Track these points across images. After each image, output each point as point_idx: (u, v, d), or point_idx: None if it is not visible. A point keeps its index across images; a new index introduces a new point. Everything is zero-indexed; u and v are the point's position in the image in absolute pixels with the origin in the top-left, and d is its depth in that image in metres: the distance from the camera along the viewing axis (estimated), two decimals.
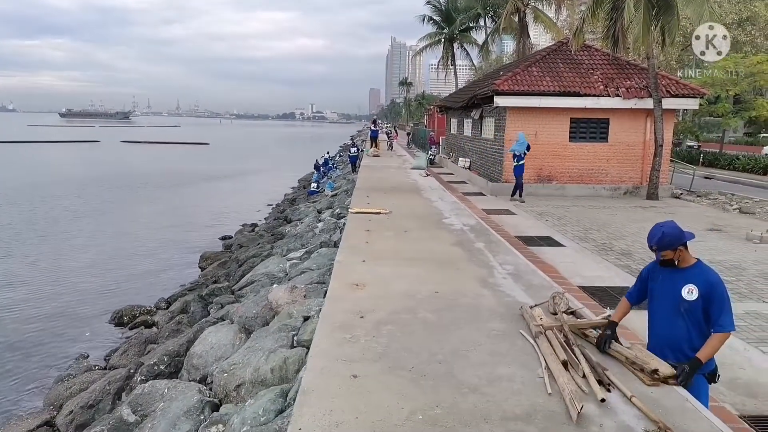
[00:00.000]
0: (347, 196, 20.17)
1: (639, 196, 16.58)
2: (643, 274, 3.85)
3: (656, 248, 3.51)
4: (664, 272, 3.60)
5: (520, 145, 15.11)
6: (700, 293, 3.40)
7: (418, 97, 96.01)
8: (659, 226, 3.55)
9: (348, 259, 7.20)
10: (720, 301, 3.38)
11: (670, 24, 15.89)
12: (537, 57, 18.65)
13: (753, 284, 7.70)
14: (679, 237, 3.47)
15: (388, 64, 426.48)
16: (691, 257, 3.54)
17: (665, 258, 3.51)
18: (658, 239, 3.48)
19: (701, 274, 3.46)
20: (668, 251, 3.48)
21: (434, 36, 39.80)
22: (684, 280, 3.47)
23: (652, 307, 3.72)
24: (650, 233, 3.57)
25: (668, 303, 3.55)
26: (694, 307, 3.43)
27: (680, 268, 3.51)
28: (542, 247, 9.57)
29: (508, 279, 6.36)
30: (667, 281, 3.56)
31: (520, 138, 15.24)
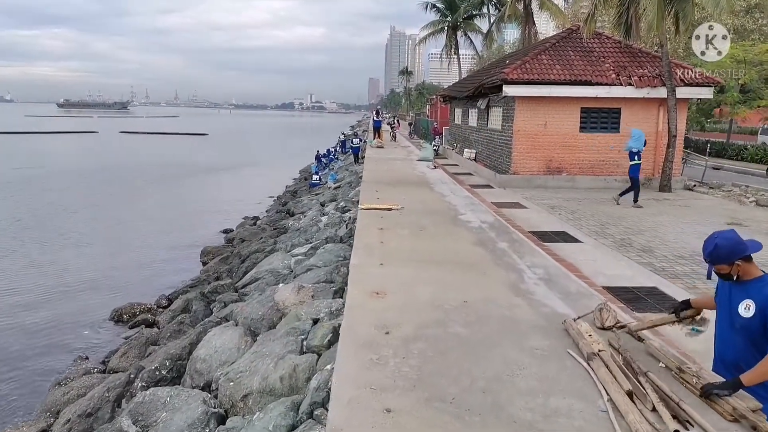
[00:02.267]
0: (351, 188, 19.71)
1: (652, 188, 16.13)
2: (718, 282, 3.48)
3: (709, 261, 3.17)
4: (727, 285, 3.26)
5: (636, 141, 13.32)
6: (758, 309, 3.01)
7: (419, 87, 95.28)
8: (714, 236, 3.20)
9: (364, 261, 6.72)
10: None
11: (685, 11, 15.33)
12: (547, 45, 18.10)
13: None
14: (734, 250, 3.08)
15: (388, 54, 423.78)
16: (756, 270, 3.14)
17: (720, 272, 3.15)
18: (709, 252, 3.15)
19: (762, 288, 3.06)
20: (723, 265, 3.11)
21: (437, 24, 39.03)
22: (743, 294, 3.10)
23: (716, 323, 3.38)
24: (704, 244, 3.24)
25: (726, 319, 3.22)
26: (750, 325, 3.05)
27: (742, 281, 3.15)
28: (559, 243, 9.14)
29: (541, 285, 5.89)
30: (727, 295, 3.22)
31: (633, 134, 13.50)
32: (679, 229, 10.58)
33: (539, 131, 16.35)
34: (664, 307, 6.08)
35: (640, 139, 13.42)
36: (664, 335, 4.62)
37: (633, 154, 13.31)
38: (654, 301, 6.42)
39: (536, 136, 16.39)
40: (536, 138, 16.41)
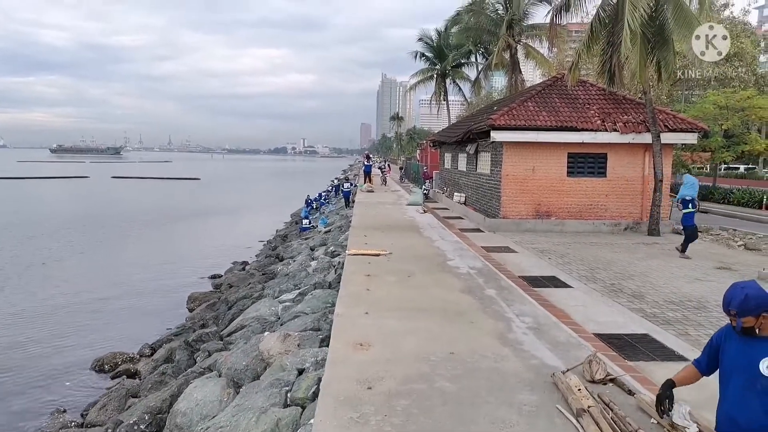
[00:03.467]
0: (341, 232, 19.63)
1: (640, 232, 16.19)
2: (714, 340, 3.25)
3: (736, 313, 2.93)
4: (739, 341, 3.02)
5: (690, 188, 12.69)
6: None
7: (410, 132, 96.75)
8: (740, 286, 2.98)
9: (349, 311, 6.58)
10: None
11: (666, 59, 15.80)
12: (533, 92, 18.50)
13: None
14: (763, 301, 2.91)
15: (379, 100, 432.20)
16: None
17: (746, 326, 2.94)
18: (740, 302, 2.91)
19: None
20: (750, 317, 2.91)
21: (427, 72, 40.04)
22: (763, 351, 2.91)
23: (723, 382, 3.12)
24: (729, 294, 3.00)
25: (742, 379, 2.97)
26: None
27: (760, 337, 2.94)
28: (549, 288, 9.04)
29: (530, 334, 5.77)
30: (741, 352, 2.99)
31: (686, 181, 12.93)
32: (669, 274, 10.54)
33: (527, 176, 16.48)
34: (656, 354, 5.96)
35: (695, 186, 12.87)
36: (656, 387, 4.48)
37: (687, 202, 12.63)
38: (646, 348, 6.29)
39: (525, 180, 16.51)
40: (525, 182, 16.53)
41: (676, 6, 14.87)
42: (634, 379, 4.89)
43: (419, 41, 39.75)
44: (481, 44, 33.67)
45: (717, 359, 3.19)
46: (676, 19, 14.89)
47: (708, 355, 3.27)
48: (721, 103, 27.58)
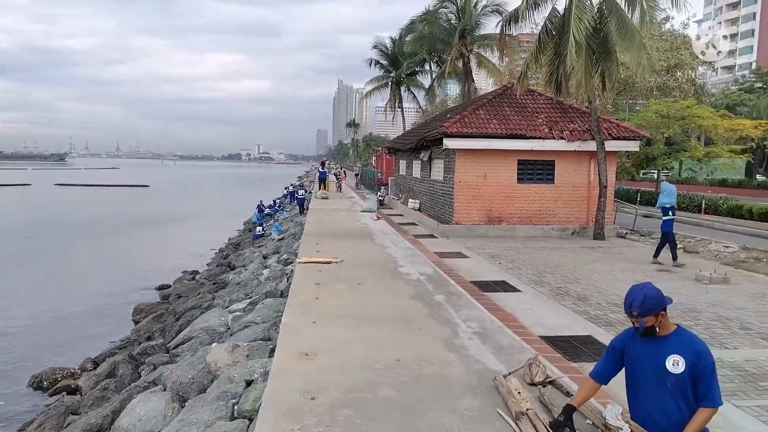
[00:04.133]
0: (295, 239, 19.43)
1: (586, 236, 16.71)
2: (615, 346, 3.36)
3: (638, 314, 3.05)
4: (642, 343, 3.15)
5: (669, 196, 12.75)
6: (687, 364, 3.00)
7: (366, 138, 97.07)
8: (638, 288, 3.13)
9: (296, 320, 6.49)
10: (710, 373, 3.01)
11: (610, 70, 16.42)
12: (484, 100, 18.87)
13: (711, 329, 7.54)
14: (661, 300, 3.06)
15: (335, 106, 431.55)
16: (670, 323, 3.14)
17: (648, 325, 3.07)
18: (640, 303, 3.04)
19: (686, 342, 3.07)
20: (651, 317, 3.05)
21: (381, 79, 40.34)
22: (667, 350, 3.05)
23: (633, 385, 3.26)
24: (630, 296, 3.12)
25: (651, 378, 3.11)
26: (681, 381, 3.02)
27: (660, 336, 3.09)
28: (499, 293, 9.20)
29: (475, 339, 5.83)
30: (647, 354, 3.12)
31: (665, 189, 13.04)
32: (612, 277, 10.90)
33: (479, 182, 16.77)
34: (598, 355, 6.10)
35: (673, 193, 12.93)
36: None
37: (666, 209, 12.69)
38: (588, 349, 6.47)
39: (477, 187, 16.79)
40: (477, 189, 16.80)
41: (618, 19, 15.49)
42: (577, 380, 5.02)
43: (374, 49, 40.04)
44: (434, 53, 34.15)
45: (620, 365, 3.30)
46: (619, 32, 15.50)
47: (611, 362, 3.36)
48: (662, 112, 28.86)
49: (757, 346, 6.71)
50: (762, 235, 19.23)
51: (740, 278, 10.85)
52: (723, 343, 6.86)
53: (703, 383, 3.00)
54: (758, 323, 7.68)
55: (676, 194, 13.00)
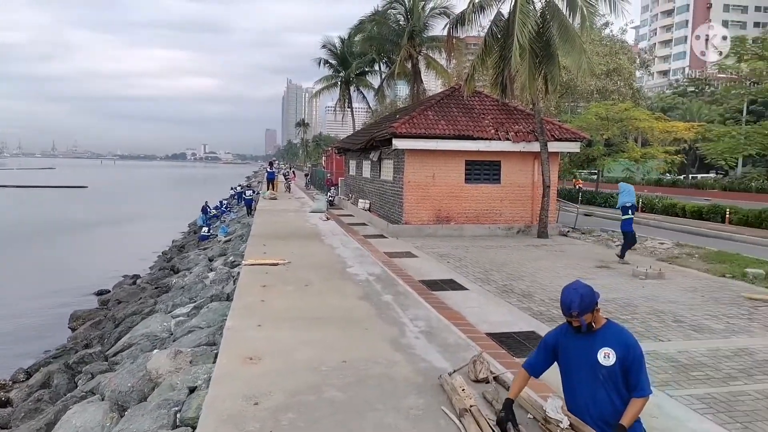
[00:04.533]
0: (242, 241, 19.03)
1: (531, 234, 17.15)
2: (548, 341, 3.46)
3: (578, 314, 3.14)
4: (574, 338, 3.25)
5: (628, 195, 12.92)
6: (617, 357, 3.13)
7: (316, 138, 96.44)
8: (573, 289, 3.21)
9: (240, 323, 6.34)
10: (639, 363, 3.15)
11: (552, 73, 16.93)
12: (432, 101, 19.06)
13: (647, 322, 7.87)
14: (593, 296, 3.18)
15: (285, 106, 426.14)
16: (601, 317, 3.26)
17: (588, 322, 3.18)
18: (579, 304, 3.13)
19: (615, 335, 3.19)
20: (588, 314, 3.16)
21: (331, 79, 40.14)
22: (599, 343, 3.17)
23: (568, 379, 3.37)
24: (567, 299, 3.18)
25: (585, 372, 3.22)
26: (612, 372, 3.14)
27: (591, 331, 3.21)
28: (447, 291, 9.31)
29: (422, 338, 5.86)
30: (580, 348, 3.23)
31: (622, 188, 13.22)
32: (555, 274, 11.22)
33: (428, 182, 16.92)
34: None
35: (631, 192, 13.09)
36: (537, 382, 4.70)
37: (626, 208, 12.84)
38: (532, 345, 6.60)
39: (426, 187, 16.94)
40: (426, 189, 16.95)
41: (560, 24, 15.98)
42: (504, 363, 5.13)
43: (323, 48, 39.80)
44: (384, 53, 34.24)
45: (551, 360, 3.40)
46: (561, 36, 16.00)
47: (543, 357, 3.46)
48: (602, 114, 29.98)
49: (689, 338, 7.04)
50: (694, 231, 20.29)
51: (674, 273, 11.39)
52: (657, 335, 7.17)
53: (633, 374, 3.12)
54: (690, 316, 8.08)
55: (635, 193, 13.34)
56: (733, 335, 7.16)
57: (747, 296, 9.29)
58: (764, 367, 6.01)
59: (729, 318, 7.96)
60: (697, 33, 36.44)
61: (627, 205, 12.88)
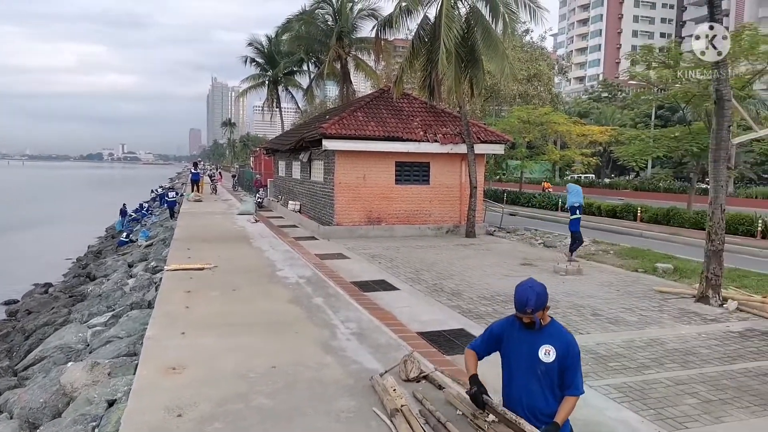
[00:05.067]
0: (165, 245, 18.22)
1: (459, 234, 17.56)
2: (494, 331, 3.54)
3: (532, 311, 3.22)
4: (519, 332, 3.35)
5: (576, 195, 13.05)
6: (557, 355, 3.23)
7: (243, 138, 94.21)
8: (528, 287, 3.27)
9: (162, 332, 6.04)
10: (575, 363, 3.26)
11: (478, 77, 17.43)
12: (362, 103, 19.08)
13: (568, 316, 8.25)
14: (546, 294, 3.26)
15: (210, 104, 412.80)
16: (547, 316, 3.36)
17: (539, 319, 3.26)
18: (535, 302, 3.20)
19: (557, 334, 3.29)
20: (540, 312, 3.25)
21: (258, 78, 39.27)
22: (541, 340, 3.27)
23: (507, 370, 3.46)
24: (523, 296, 3.24)
25: (524, 365, 3.32)
26: (550, 369, 3.25)
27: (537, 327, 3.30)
28: (378, 292, 9.34)
29: (353, 340, 5.82)
30: (523, 342, 3.33)
31: (570, 189, 13.40)
32: (482, 272, 11.53)
33: (359, 183, 16.92)
34: None
35: (579, 193, 13.24)
36: (465, 381, 4.80)
37: (575, 208, 12.93)
38: (462, 342, 6.75)
39: (356, 188, 16.93)
40: (357, 190, 16.94)
41: (484, 29, 16.47)
42: (450, 372, 5.20)
43: (250, 46, 38.87)
44: (312, 53, 33.93)
45: (494, 348, 3.49)
46: (485, 41, 16.50)
47: (487, 343, 3.54)
48: (524, 118, 31.21)
49: (606, 331, 7.44)
50: (609, 229, 21.53)
51: (591, 269, 12.01)
52: (577, 329, 7.51)
53: (569, 373, 3.24)
54: (607, 309, 8.54)
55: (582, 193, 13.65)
56: (646, 327, 7.63)
57: (658, 289, 9.93)
58: (674, 356, 6.44)
59: (642, 311, 8.48)
60: (610, 42, 38.66)
61: (575, 205, 13.17)
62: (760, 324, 7.78)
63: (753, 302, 8.62)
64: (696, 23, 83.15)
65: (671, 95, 23.39)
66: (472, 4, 16.98)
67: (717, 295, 8.89)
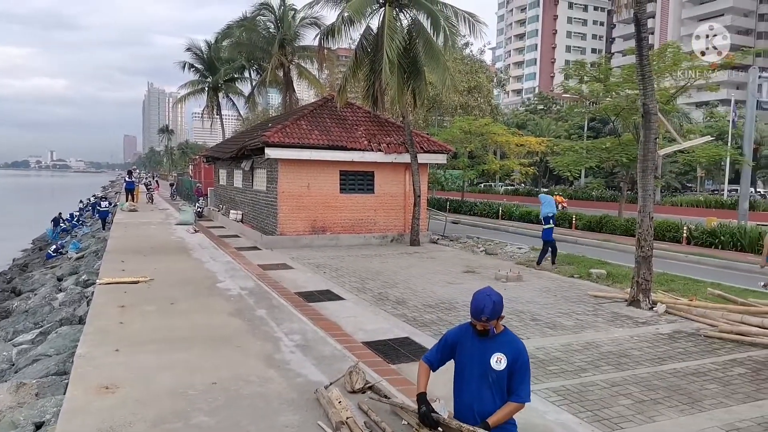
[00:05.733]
0: (97, 258, 17.38)
1: (404, 243, 17.69)
2: (449, 338, 3.57)
3: (487, 319, 3.24)
4: (473, 339, 3.39)
5: (549, 205, 13.75)
6: (508, 362, 3.29)
7: (182, 146, 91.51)
8: (486, 295, 3.30)
9: (95, 349, 5.72)
10: (524, 371, 3.33)
11: (420, 88, 17.69)
12: (305, 111, 18.94)
13: (509, 322, 8.38)
14: (502, 304, 3.31)
15: (146, 110, 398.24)
16: (500, 324, 3.41)
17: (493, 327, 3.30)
18: (491, 310, 3.23)
19: (510, 342, 3.35)
20: (495, 320, 3.28)
21: (197, 84, 38.25)
22: (493, 348, 3.32)
23: (459, 377, 3.49)
24: (480, 304, 3.26)
25: (477, 372, 3.36)
26: (501, 377, 3.31)
27: (491, 335, 3.35)
28: (323, 302, 9.25)
29: (297, 352, 5.72)
30: (476, 349, 3.37)
31: (543, 200, 14.09)
32: (427, 280, 11.65)
33: (303, 192, 16.76)
34: (415, 355, 6.44)
35: (552, 203, 13.92)
36: (413, 385, 4.79)
37: (548, 218, 13.59)
38: (407, 350, 6.78)
39: (300, 197, 16.75)
40: (300, 199, 16.76)
41: (425, 41, 16.76)
42: (395, 381, 5.21)
43: (188, 51, 37.83)
44: (254, 60, 33.43)
45: (449, 357, 3.52)
46: (427, 53, 16.79)
47: (442, 352, 3.57)
48: (465, 128, 31.90)
49: (545, 335, 7.66)
50: None
51: (530, 275, 12.37)
52: (518, 334, 7.64)
53: (516, 380, 3.30)
54: (545, 314, 8.80)
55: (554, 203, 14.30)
56: (582, 330, 7.92)
57: (592, 294, 10.35)
58: (608, 358, 6.71)
59: (578, 315, 8.80)
60: (545, 57, 40.15)
61: (549, 215, 13.75)
62: (687, 326, 8.24)
63: (680, 305, 9.12)
64: (624, 39, 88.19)
65: (602, 108, 24.58)
66: (413, 17, 17.25)
67: (647, 298, 9.35)
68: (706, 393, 5.60)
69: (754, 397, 5.51)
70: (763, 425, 4.88)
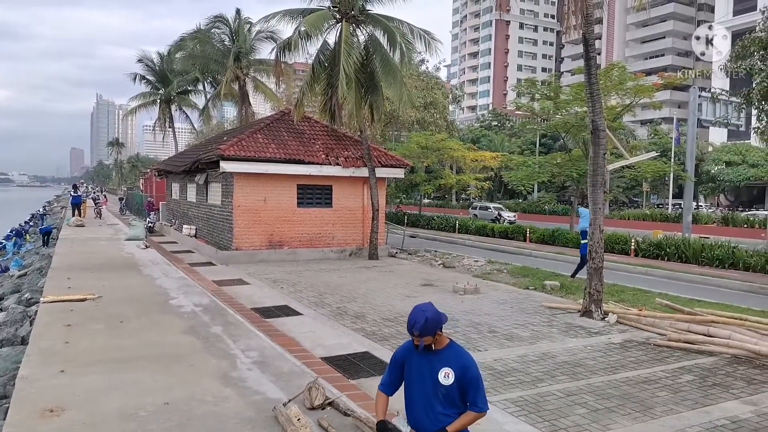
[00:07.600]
0: (41, 275, 16.57)
1: (362, 256, 17.64)
2: (397, 358, 3.56)
3: (419, 334, 3.26)
4: (418, 356, 3.40)
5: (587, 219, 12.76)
6: (456, 377, 3.31)
7: (132, 159, 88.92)
8: (422, 310, 3.31)
9: (38, 371, 5.41)
10: (475, 383, 3.34)
11: (377, 103, 17.82)
12: (262, 124, 18.75)
13: (467, 334, 8.52)
14: (439, 321, 3.32)
15: (94, 123, 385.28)
16: (444, 338, 3.43)
17: (426, 344, 3.31)
18: (422, 326, 3.24)
19: (455, 357, 3.37)
20: (429, 337, 3.29)
21: (148, 96, 37.29)
22: (439, 363, 3.33)
23: (409, 393, 3.48)
24: (413, 318, 3.29)
25: (425, 388, 3.36)
26: (450, 391, 3.32)
27: (435, 350, 3.37)
28: (281, 318, 9.09)
29: (254, 369, 5.57)
30: (423, 365, 3.38)
31: (582, 213, 13.98)
32: (386, 294, 11.62)
33: (260, 206, 16.52)
34: (375, 370, 6.40)
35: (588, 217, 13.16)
36: (373, 400, 4.74)
37: (585, 233, 12.97)
38: (366, 365, 6.72)
39: (257, 211, 16.50)
40: (257, 213, 16.51)
41: (382, 57, 16.93)
42: (355, 396, 5.14)
43: (139, 63, 36.89)
44: (208, 73, 32.89)
45: (400, 375, 3.51)
46: (383, 69, 16.96)
47: (393, 373, 3.56)
48: (422, 143, 32.27)
49: (503, 347, 7.75)
50: (502, 249, 22.68)
51: (487, 288, 12.53)
52: (476, 346, 7.76)
53: (470, 393, 3.32)
54: (502, 326, 8.91)
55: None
56: (537, 341, 8.05)
57: (546, 305, 10.56)
58: (564, 368, 6.84)
59: (533, 326, 8.96)
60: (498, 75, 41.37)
61: (587, 229, 13.01)
62: (637, 335, 8.51)
63: (630, 315, 9.41)
64: (572, 59, 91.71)
65: (553, 125, 25.39)
66: (370, 33, 17.42)
67: (599, 309, 9.61)
68: (658, 400, 5.77)
69: (702, 403, 5.71)
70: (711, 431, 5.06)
